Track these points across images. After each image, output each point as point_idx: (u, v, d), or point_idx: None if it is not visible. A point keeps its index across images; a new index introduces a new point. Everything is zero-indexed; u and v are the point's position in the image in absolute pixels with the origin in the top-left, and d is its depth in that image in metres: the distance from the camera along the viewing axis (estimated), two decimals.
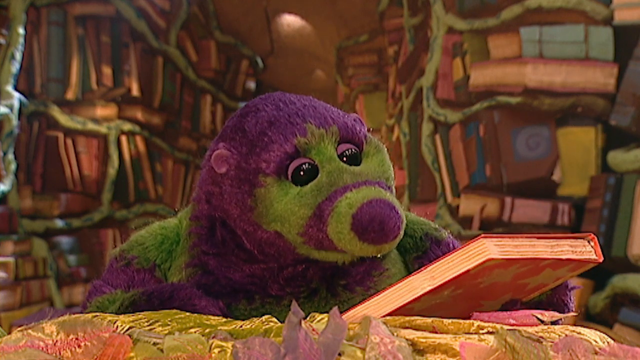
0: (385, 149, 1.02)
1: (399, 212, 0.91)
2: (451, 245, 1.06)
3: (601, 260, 0.91)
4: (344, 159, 0.98)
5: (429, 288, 0.83)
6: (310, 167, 0.98)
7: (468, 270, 0.81)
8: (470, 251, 0.82)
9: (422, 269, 0.85)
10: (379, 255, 0.97)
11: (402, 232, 0.92)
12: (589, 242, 0.91)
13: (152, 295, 0.96)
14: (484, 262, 0.81)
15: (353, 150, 0.99)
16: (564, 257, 0.87)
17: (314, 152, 0.97)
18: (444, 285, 0.83)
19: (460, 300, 0.87)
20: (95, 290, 1.05)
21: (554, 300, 0.96)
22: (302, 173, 0.97)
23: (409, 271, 1.01)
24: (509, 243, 0.84)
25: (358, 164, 0.99)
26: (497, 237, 0.84)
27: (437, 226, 1.09)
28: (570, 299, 0.98)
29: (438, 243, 1.05)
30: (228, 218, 1.02)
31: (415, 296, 0.83)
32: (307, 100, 1.04)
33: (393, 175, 1.01)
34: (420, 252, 1.06)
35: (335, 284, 1.01)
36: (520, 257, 0.84)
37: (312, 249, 0.97)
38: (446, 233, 1.08)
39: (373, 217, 0.89)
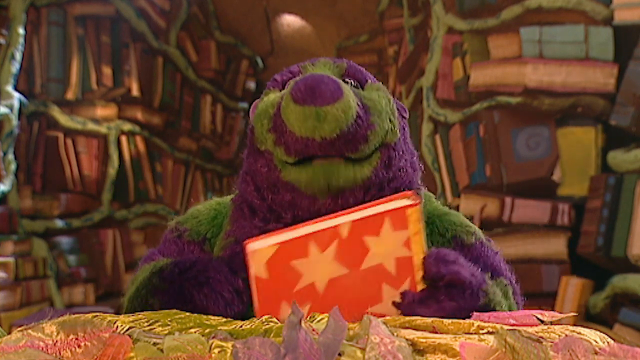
0: (389, 98, 1.08)
1: (337, 83, 0.96)
2: (477, 250, 1.05)
3: (417, 203, 0.90)
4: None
5: None
6: None
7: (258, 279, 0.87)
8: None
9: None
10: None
11: (342, 102, 0.95)
12: (408, 198, 0.91)
13: (176, 264, 1.00)
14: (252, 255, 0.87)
15: (353, 83, 1.07)
16: (355, 217, 0.89)
17: (311, 71, 1.07)
18: None
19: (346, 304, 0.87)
20: (147, 258, 1.10)
21: (428, 275, 0.91)
22: None
23: None
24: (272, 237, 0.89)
25: None
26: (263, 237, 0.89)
27: (470, 227, 1.09)
28: (442, 267, 0.90)
29: (463, 247, 1.05)
30: (246, 164, 1.08)
31: None
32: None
33: (383, 109, 1.04)
34: None
35: None
36: (282, 240, 0.88)
37: (290, 167, 1.00)
38: (476, 236, 1.07)
39: (306, 81, 0.96)
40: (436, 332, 0.78)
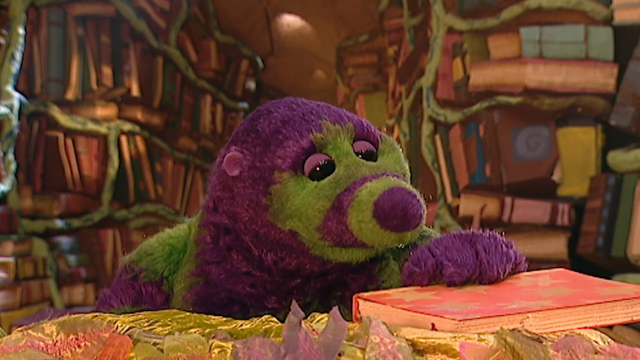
0: (400, 149, 1.03)
1: (420, 200, 0.91)
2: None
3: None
4: (360, 155, 0.99)
5: None
6: (326, 163, 0.97)
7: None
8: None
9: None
10: (376, 271, 0.99)
11: (423, 221, 0.92)
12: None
13: None
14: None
15: (369, 147, 1.00)
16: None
17: (330, 148, 0.97)
18: None
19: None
20: (104, 302, 1.06)
21: None
22: (318, 169, 0.97)
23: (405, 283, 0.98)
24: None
25: (374, 161, 0.99)
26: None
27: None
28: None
29: (422, 238, 1.04)
30: (238, 222, 1.01)
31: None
32: (319, 102, 1.04)
33: (409, 174, 1.01)
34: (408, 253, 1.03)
35: (331, 297, 1.01)
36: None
37: (328, 248, 0.96)
38: (430, 231, 1.07)
39: (395, 203, 0.89)
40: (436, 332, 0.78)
